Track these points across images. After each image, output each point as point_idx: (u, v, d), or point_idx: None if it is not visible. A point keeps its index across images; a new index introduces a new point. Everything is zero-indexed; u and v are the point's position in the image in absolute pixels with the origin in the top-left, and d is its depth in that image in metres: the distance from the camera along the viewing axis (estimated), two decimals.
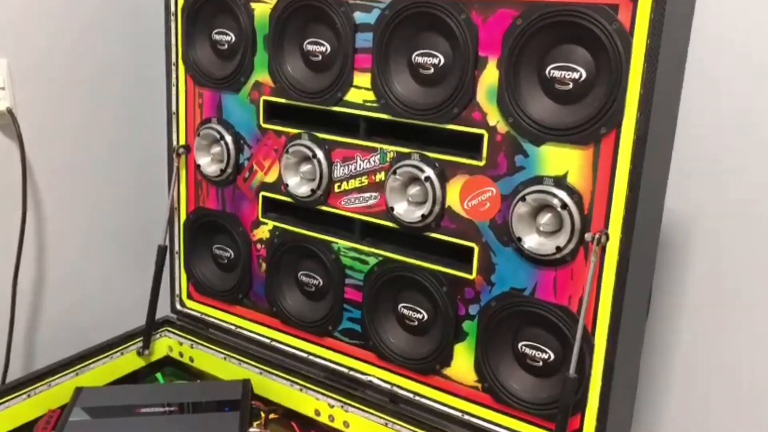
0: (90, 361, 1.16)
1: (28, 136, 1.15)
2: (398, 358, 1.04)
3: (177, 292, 1.29)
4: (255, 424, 1.06)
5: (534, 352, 0.93)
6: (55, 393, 1.10)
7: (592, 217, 0.84)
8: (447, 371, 1.00)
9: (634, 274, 0.85)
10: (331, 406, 1.08)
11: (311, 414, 1.10)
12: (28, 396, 1.07)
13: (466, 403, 0.99)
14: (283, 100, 1.07)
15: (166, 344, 1.28)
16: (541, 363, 0.93)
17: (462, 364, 0.98)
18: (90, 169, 1.29)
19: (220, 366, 1.21)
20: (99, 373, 1.17)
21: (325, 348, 1.12)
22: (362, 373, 1.09)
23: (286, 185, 1.09)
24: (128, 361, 1.22)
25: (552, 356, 0.92)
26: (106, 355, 1.19)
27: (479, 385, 0.97)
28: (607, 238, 0.83)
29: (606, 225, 0.84)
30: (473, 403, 0.98)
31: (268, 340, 1.19)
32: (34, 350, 1.25)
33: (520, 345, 0.94)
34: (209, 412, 1.07)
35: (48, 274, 1.26)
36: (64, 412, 1.04)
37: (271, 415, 1.13)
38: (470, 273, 0.95)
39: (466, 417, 0.99)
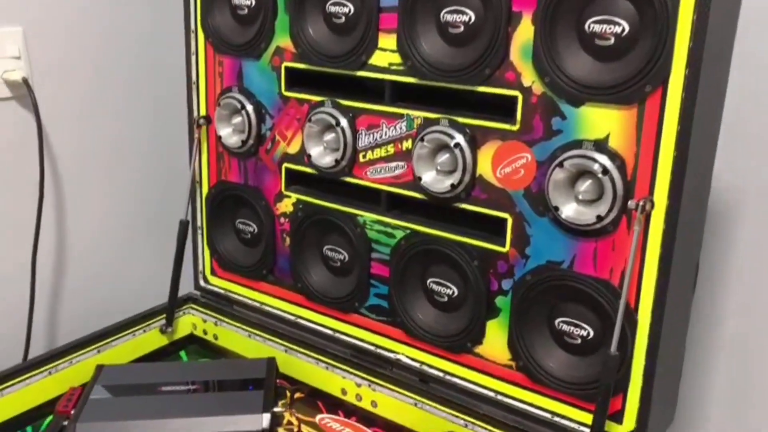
0: (112, 339, 1.14)
1: (45, 106, 1.12)
2: (427, 336, 0.99)
3: (200, 268, 1.26)
4: (280, 403, 1.02)
5: (572, 328, 0.87)
6: (77, 370, 1.07)
7: (636, 184, 0.78)
8: (479, 349, 0.95)
9: (681, 244, 0.79)
10: (359, 385, 1.04)
11: (338, 393, 1.06)
12: (49, 373, 1.05)
13: (500, 382, 0.94)
14: (305, 66, 1.02)
15: (189, 322, 1.25)
16: (579, 340, 0.87)
17: (495, 341, 0.93)
18: (108, 141, 1.26)
19: (245, 344, 1.17)
20: (121, 351, 1.14)
21: (351, 325, 1.08)
22: (390, 351, 1.04)
23: (309, 156, 1.04)
24: (151, 338, 1.19)
25: (591, 333, 0.86)
26: (128, 332, 1.16)
27: (513, 364, 0.92)
28: (652, 206, 0.77)
29: (651, 192, 0.77)
30: (507, 383, 0.93)
31: (293, 317, 1.15)
32: (55, 328, 1.23)
33: (557, 321, 0.88)
34: (233, 390, 1.03)
35: (67, 249, 1.23)
36: (85, 389, 1.02)
37: (297, 395, 1.09)
38: (503, 246, 0.90)
39: (500, 397, 0.94)
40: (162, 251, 1.23)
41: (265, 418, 0.96)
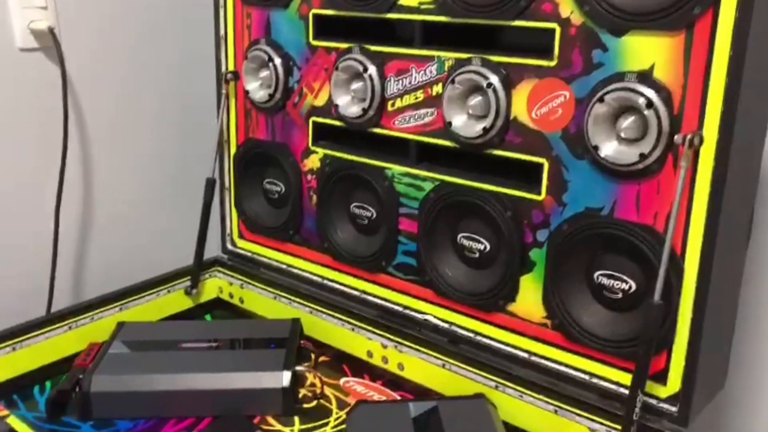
0: (135, 297, 1.11)
1: (71, 59, 1.10)
2: (457, 294, 0.94)
3: (228, 231, 1.23)
4: (304, 365, 0.98)
5: (612, 281, 0.81)
6: (98, 327, 1.05)
7: (683, 118, 0.72)
8: (511, 307, 0.89)
9: (733, 186, 0.72)
10: (385, 347, 0.99)
11: (363, 356, 1.02)
12: (70, 328, 1.03)
13: (533, 342, 0.88)
14: (333, 12, 0.98)
15: (216, 285, 1.22)
16: (620, 294, 0.81)
17: (528, 298, 0.87)
18: (134, 96, 1.23)
19: (271, 306, 1.13)
20: (144, 311, 1.12)
21: (378, 285, 1.03)
22: (418, 312, 0.99)
23: (336, 106, 1.00)
24: (175, 299, 1.17)
25: (633, 286, 0.80)
26: (151, 291, 1.14)
27: (548, 322, 0.86)
28: (701, 141, 0.70)
29: (700, 127, 0.71)
30: (541, 342, 0.87)
31: (319, 279, 1.11)
32: (79, 286, 1.21)
33: (596, 275, 0.82)
34: (254, 348, 1.00)
35: (91, 206, 1.21)
36: (104, 344, 0.99)
37: (321, 358, 1.05)
38: (538, 193, 0.84)
39: (533, 358, 0.88)
40: (189, 212, 1.20)
41: (286, 376, 0.92)
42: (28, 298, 1.10)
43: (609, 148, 0.76)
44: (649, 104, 0.72)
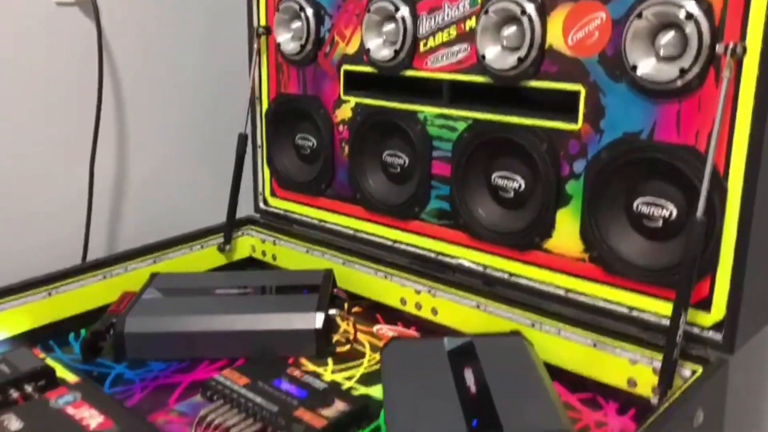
0: (168, 250, 1.12)
1: (106, 13, 1.11)
2: (491, 235, 0.92)
3: (260, 190, 1.23)
4: (338, 311, 0.97)
5: (652, 209, 0.79)
6: (132, 278, 1.05)
7: (725, 29, 0.70)
8: (548, 244, 0.88)
9: None
10: (418, 292, 0.98)
11: (397, 304, 1.01)
12: (104, 277, 1.03)
13: (571, 278, 0.86)
14: None
15: (248, 243, 1.22)
16: (660, 222, 0.78)
17: (565, 233, 0.86)
18: (169, 52, 1.24)
19: (303, 260, 1.13)
20: (177, 265, 1.12)
21: (411, 233, 1.02)
22: (451, 257, 0.98)
23: (368, 51, 0.99)
24: (208, 255, 1.17)
25: (674, 212, 0.77)
26: (185, 246, 1.14)
27: (586, 256, 0.84)
28: (744, 51, 0.68)
29: (742, 37, 0.69)
30: (579, 278, 0.85)
31: (351, 231, 1.10)
32: (113, 239, 1.22)
33: (635, 203, 0.80)
34: (287, 294, 0.99)
35: (125, 161, 1.22)
36: (138, 292, 0.99)
37: (354, 309, 1.04)
38: (575, 122, 0.82)
39: (571, 295, 0.86)
40: (222, 169, 1.20)
41: (319, 318, 0.91)
42: (63, 253, 1.11)
43: (647, 66, 0.74)
44: (689, 16, 0.70)
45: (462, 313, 0.93)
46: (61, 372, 0.80)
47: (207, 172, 1.31)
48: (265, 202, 1.23)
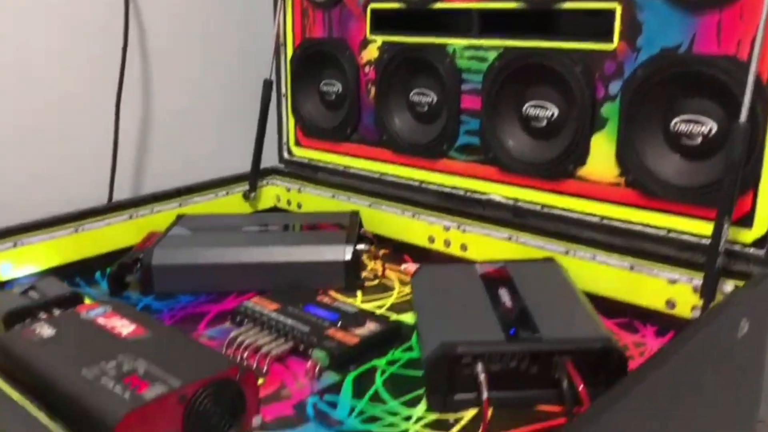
0: (194, 195, 1.11)
1: None
2: (523, 167, 0.91)
3: (284, 140, 1.22)
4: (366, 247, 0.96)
5: (691, 126, 0.77)
6: (157, 219, 1.05)
7: None
8: (582, 171, 0.86)
9: None
10: (447, 229, 0.96)
11: (424, 243, 0.99)
12: (130, 217, 1.03)
13: (606, 205, 0.84)
14: None
15: (273, 193, 1.21)
16: (699, 140, 0.77)
17: (600, 158, 0.84)
18: (194, 0, 1.23)
19: (329, 206, 1.12)
20: (202, 209, 1.11)
21: (439, 173, 1.01)
22: (481, 193, 0.97)
23: None
24: (233, 203, 1.16)
25: (713, 128, 0.76)
26: (210, 191, 1.13)
27: (621, 180, 0.83)
28: None
29: None
30: (614, 204, 0.84)
31: (377, 175, 1.09)
32: (138, 182, 1.21)
33: (673, 122, 0.78)
34: (315, 230, 0.98)
35: (150, 103, 1.21)
36: (165, 230, 0.99)
37: (382, 251, 1.03)
38: (610, 41, 0.81)
39: (606, 221, 0.84)
40: (247, 118, 1.19)
41: (348, 250, 0.90)
42: (88, 197, 1.10)
43: None
44: None
45: (493, 246, 0.91)
46: (89, 301, 0.80)
47: (232, 120, 1.30)
48: (290, 152, 1.22)
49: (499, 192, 0.94)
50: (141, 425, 0.54)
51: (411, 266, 0.97)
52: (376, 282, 0.93)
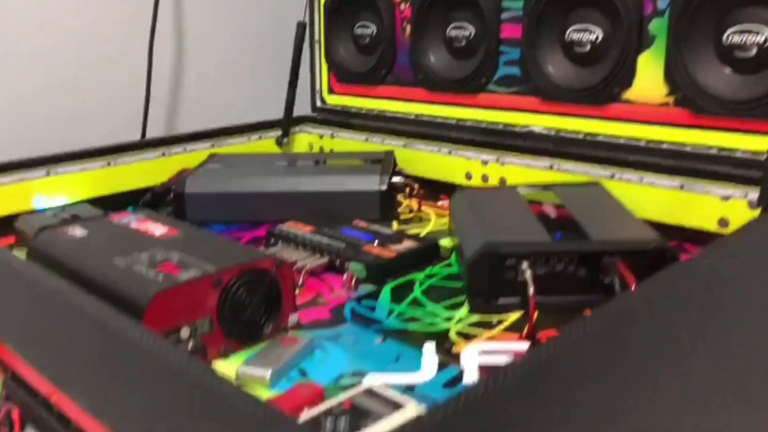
0: (227, 137, 1.10)
1: None
2: (566, 94, 0.88)
3: (317, 88, 1.21)
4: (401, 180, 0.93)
5: (745, 37, 0.73)
6: (190, 158, 1.03)
7: None
8: (628, 94, 0.83)
9: None
10: (485, 163, 0.94)
11: (461, 180, 0.97)
12: (163, 155, 1.01)
13: (653, 127, 0.81)
14: None
15: (305, 141, 1.19)
16: (754, 51, 0.73)
17: (648, 78, 0.81)
18: None
19: (362, 149, 1.10)
20: (234, 151, 1.10)
21: (477, 108, 0.98)
22: (520, 126, 0.94)
23: None
24: (265, 147, 1.15)
25: None
26: (243, 134, 1.12)
27: (670, 99, 0.79)
28: None
29: None
30: (662, 125, 0.80)
31: (413, 116, 1.06)
32: (171, 123, 1.20)
33: (725, 34, 0.75)
34: (350, 164, 0.96)
35: (183, 48, 1.20)
36: (198, 164, 0.97)
37: (416, 191, 1.00)
38: None
39: (653, 144, 0.81)
40: (280, 63, 1.18)
41: (383, 180, 0.88)
42: (121, 138, 1.10)
43: None
44: None
45: (533, 177, 0.88)
46: None
47: (265, 64, 1.29)
48: (323, 100, 1.20)
49: (540, 123, 0.91)
50: (173, 307, 0.52)
51: (447, 203, 0.95)
52: (411, 215, 0.90)
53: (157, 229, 0.65)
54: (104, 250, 0.60)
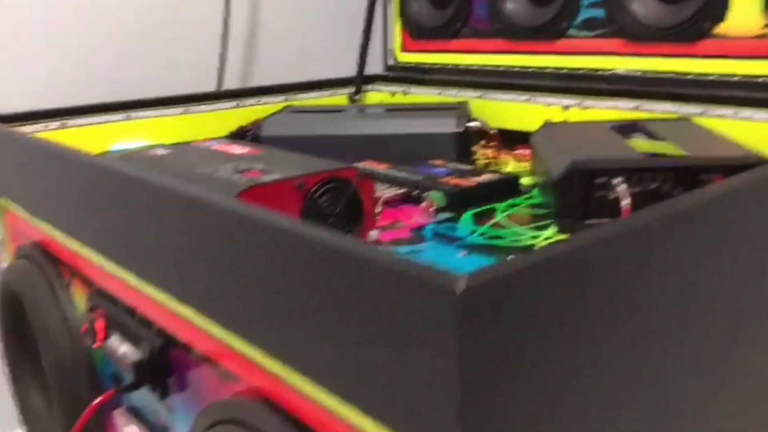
0: (300, 91, 1.10)
1: None
2: (653, 33, 0.84)
3: (390, 46, 1.19)
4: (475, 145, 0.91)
5: None
6: (264, 110, 1.04)
7: None
8: (720, 29, 0.78)
9: None
10: (566, 108, 0.91)
11: None
12: (237, 106, 1.02)
13: (748, 62, 0.77)
14: None
15: (377, 99, 1.18)
16: None
17: (743, 10, 0.76)
18: None
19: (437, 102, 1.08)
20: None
21: (557, 55, 0.95)
22: (604, 70, 0.90)
23: None
24: (338, 103, 1.14)
25: None
26: (316, 90, 1.12)
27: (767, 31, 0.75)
28: None
29: None
30: (758, 59, 0.76)
31: (491, 68, 1.04)
32: (246, 76, 1.21)
33: None
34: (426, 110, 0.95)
35: (259, 5, 1.21)
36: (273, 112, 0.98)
37: (492, 141, 0.98)
38: None
39: (748, 79, 0.77)
40: (352, 21, 1.17)
41: (460, 123, 0.87)
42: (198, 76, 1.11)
43: None
44: None
45: (619, 119, 0.85)
46: None
47: (339, 22, 1.28)
48: (395, 59, 1.19)
49: (626, 65, 0.88)
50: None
51: (526, 151, 0.92)
52: (488, 161, 0.88)
53: (239, 150, 0.65)
54: (186, 164, 0.60)
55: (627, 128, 0.72)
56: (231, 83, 1.17)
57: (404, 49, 1.17)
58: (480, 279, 0.27)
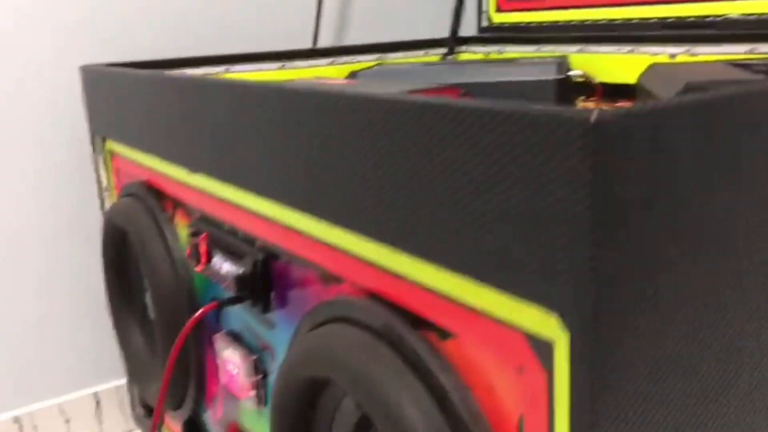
0: (394, 51, 1.09)
1: None
2: None
3: (484, 7, 1.17)
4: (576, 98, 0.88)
5: None
6: (357, 68, 1.03)
7: None
8: None
9: None
10: (673, 57, 0.87)
11: None
12: (332, 63, 1.03)
13: None
14: None
15: (472, 59, 1.17)
16: None
17: None
18: None
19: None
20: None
21: (662, 4, 0.91)
22: (715, 16, 0.86)
23: None
24: None
25: None
26: (410, 50, 1.11)
27: None
28: None
29: None
30: None
31: (590, 22, 1.01)
32: (340, 39, 1.21)
33: None
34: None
35: None
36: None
37: (596, 86, 0.94)
38: None
39: None
40: None
41: (560, 69, 0.84)
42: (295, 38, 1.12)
43: None
44: None
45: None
46: None
47: None
48: (489, 20, 1.17)
49: (738, 10, 0.83)
50: None
51: (629, 104, 0.88)
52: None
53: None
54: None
55: (742, 66, 0.68)
56: (326, 41, 1.18)
57: (499, 9, 1.15)
58: (610, 113, 0.27)
